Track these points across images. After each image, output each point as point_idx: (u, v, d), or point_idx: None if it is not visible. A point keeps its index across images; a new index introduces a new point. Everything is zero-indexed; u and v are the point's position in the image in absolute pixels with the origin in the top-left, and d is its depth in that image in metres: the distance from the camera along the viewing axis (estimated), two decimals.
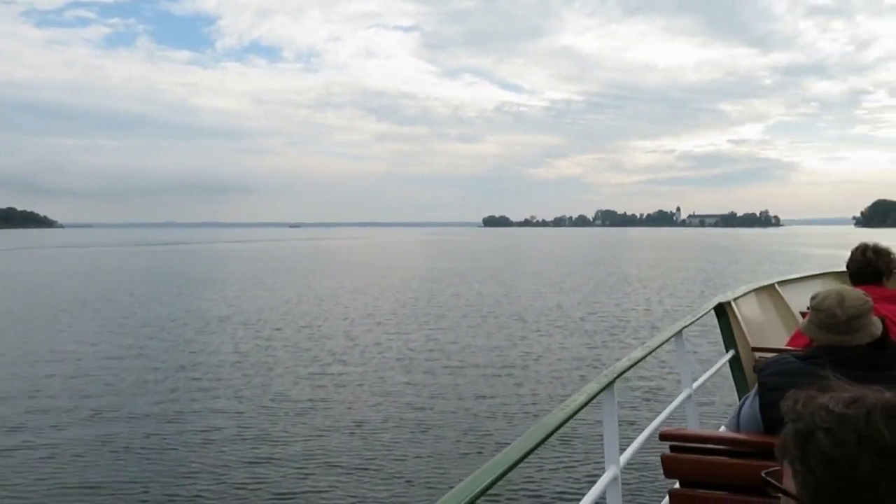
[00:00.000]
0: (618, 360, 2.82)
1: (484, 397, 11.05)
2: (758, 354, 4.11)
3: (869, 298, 2.48)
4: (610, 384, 2.45)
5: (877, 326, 2.38)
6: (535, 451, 1.95)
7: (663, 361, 11.82)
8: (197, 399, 11.03)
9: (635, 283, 31.58)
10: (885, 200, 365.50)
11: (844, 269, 3.98)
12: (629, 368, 2.75)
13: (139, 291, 28.37)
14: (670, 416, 3.21)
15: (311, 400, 10.89)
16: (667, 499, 2.48)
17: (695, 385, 3.66)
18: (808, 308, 2.65)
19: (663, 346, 3.53)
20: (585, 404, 2.27)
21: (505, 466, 1.76)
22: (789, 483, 0.93)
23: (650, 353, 3.11)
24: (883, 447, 0.83)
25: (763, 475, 1.00)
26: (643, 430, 2.91)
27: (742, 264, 46.33)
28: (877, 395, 0.90)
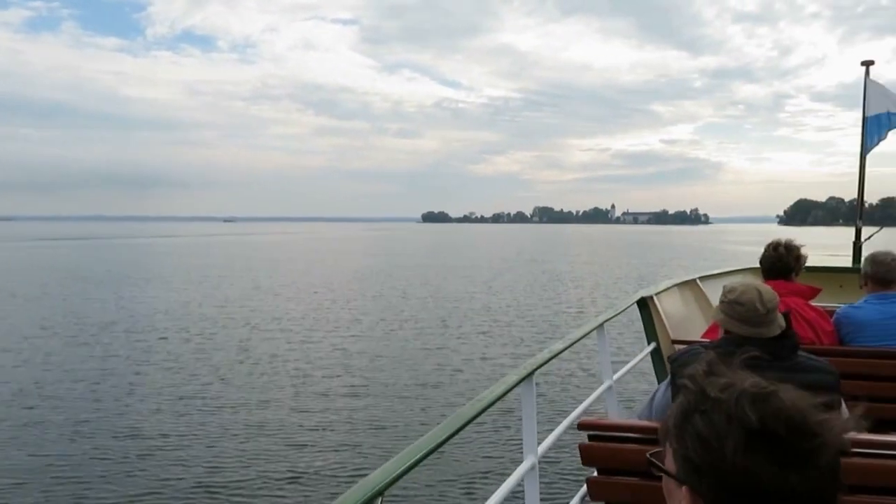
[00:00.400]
0: (538, 352, 2.88)
1: (405, 391, 11.05)
2: (677, 346, 4.26)
3: (776, 293, 2.60)
4: (529, 375, 2.50)
5: (782, 319, 2.51)
6: (454, 440, 1.98)
7: (587, 354, 12.04)
8: (115, 398, 10.64)
9: (567, 281, 31.98)
10: (806, 200, 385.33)
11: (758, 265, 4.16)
12: (549, 360, 2.81)
13: (54, 289, 27.04)
14: (591, 407, 3.29)
15: (215, 401, 10.56)
16: (584, 486, 2.55)
17: (615, 376, 3.77)
18: (721, 300, 2.75)
19: (587, 340, 3.62)
20: (503, 395, 2.31)
21: (419, 455, 1.78)
22: (671, 464, 0.98)
23: (571, 345, 3.18)
24: (749, 428, 0.89)
25: (647, 456, 1.04)
26: (564, 420, 2.98)
27: (673, 261, 47.83)
28: (748, 380, 0.96)
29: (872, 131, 7.96)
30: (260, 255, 54.42)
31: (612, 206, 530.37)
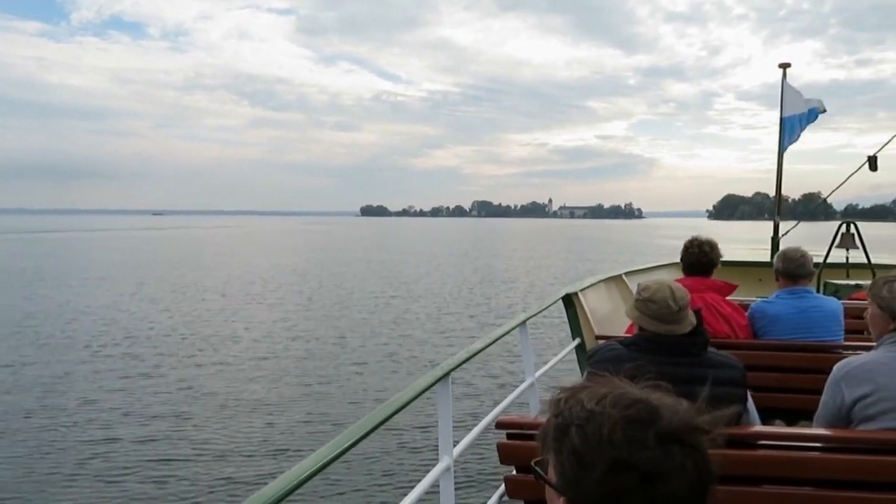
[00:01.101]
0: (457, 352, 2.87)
1: (319, 393, 10.84)
2: (602, 342, 4.34)
3: (687, 291, 2.67)
4: (445, 375, 2.49)
5: (693, 316, 2.57)
6: (367, 443, 1.96)
7: (512, 352, 12.01)
8: (33, 398, 10.15)
9: (500, 277, 31.97)
10: (733, 195, 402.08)
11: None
12: (467, 360, 2.81)
13: None
14: (513, 405, 3.31)
15: (126, 406, 10.22)
16: (502, 485, 2.57)
17: (537, 374, 3.81)
18: (636, 298, 2.80)
19: (510, 337, 3.64)
20: (418, 395, 2.29)
21: (333, 455, 1.78)
22: (552, 473, 0.97)
23: (490, 344, 3.19)
24: (617, 445, 0.88)
25: (532, 464, 1.03)
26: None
27: (607, 255, 48.93)
28: (625, 392, 0.95)
29: (789, 131, 8.34)
30: (182, 251, 52.19)
31: (550, 201, 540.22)
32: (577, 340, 4.62)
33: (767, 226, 9.11)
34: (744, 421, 2.49)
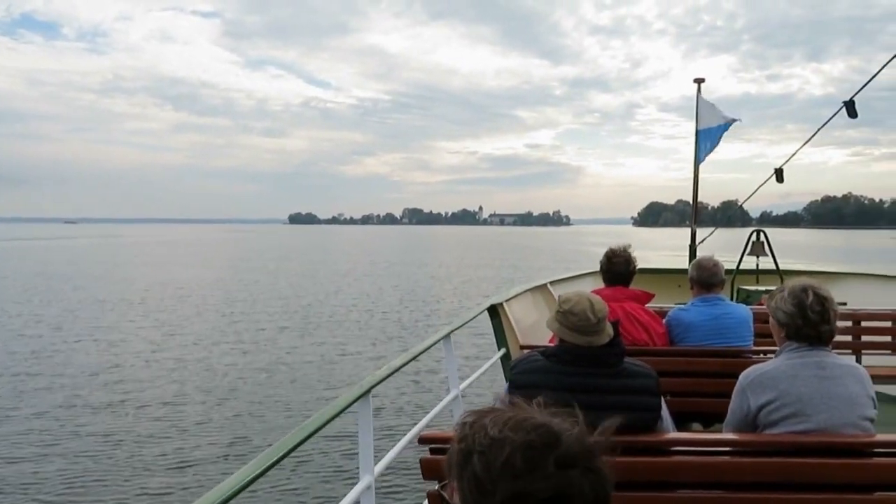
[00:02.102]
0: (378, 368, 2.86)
1: (234, 413, 10.49)
2: (527, 352, 4.41)
3: (605, 304, 2.75)
4: (365, 393, 2.47)
5: (611, 328, 2.65)
6: (287, 462, 1.94)
7: (437, 365, 11.91)
8: None
9: (429, 287, 31.84)
10: (657, 203, 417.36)
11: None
12: (388, 376, 2.80)
13: None
14: (437, 419, 3.32)
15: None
16: (425, 501, 2.57)
17: (462, 386, 3.83)
18: (556, 310, 2.86)
19: (435, 350, 3.64)
20: (338, 414, 2.27)
21: (250, 477, 1.76)
22: (456, 499, 0.98)
23: (413, 359, 3.19)
24: (517, 473, 0.89)
25: (437, 488, 1.04)
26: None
27: (537, 263, 49.62)
28: (527, 417, 0.96)
29: (704, 143, 8.74)
30: (89, 262, 49.18)
31: (480, 208, 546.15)
32: (503, 351, 4.68)
33: (689, 232, 9.45)
34: (658, 428, 2.58)
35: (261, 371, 13.34)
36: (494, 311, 4.75)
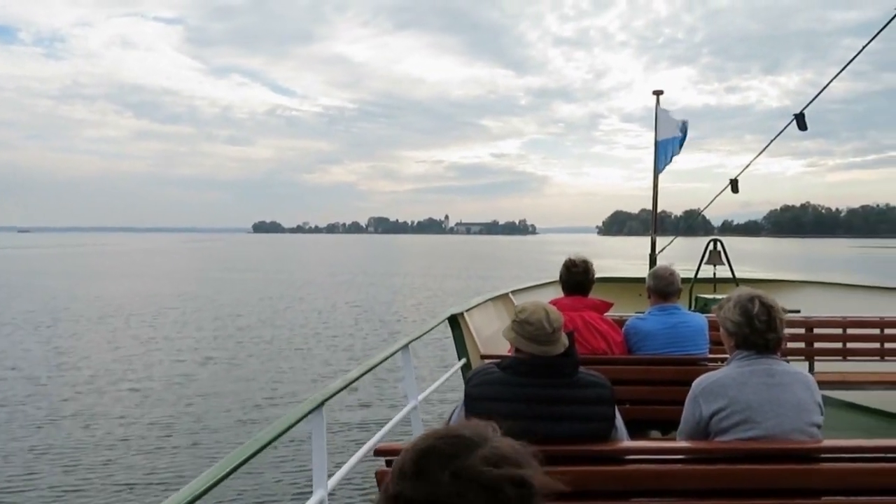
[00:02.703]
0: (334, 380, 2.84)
1: (185, 427, 10.19)
2: (487, 362, 4.43)
3: (561, 314, 2.77)
4: (318, 406, 2.46)
5: (566, 338, 2.68)
6: (238, 477, 1.91)
7: (396, 376, 11.68)
8: None
9: (394, 296, 31.46)
10: (621, 211, 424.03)
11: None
12: (344, 388, 2.78)
13: None
14: (395, 431, 3.30)
15: None
16: None
17: (421, 396, 3.82)
18: (512, 320, 2.88)
19: (395, 361, 3.63)
20: (289, 428, 2.25)
21: (198, 492, 1.72)
22: None
23: (369, 370, 3.18)
24: (404, 475, 0.90)
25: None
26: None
27: (505, 272, 49.76)
28: (449, 430, 0.96)
29: (663, 153, 8.93)
30: (32, 272, 47.15)
31: (446, 217, 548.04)
32: (463, 360, 4.69)
33: (657, 241, 9.59)
34: (613, 437, 2.61)
35: (214, 385, 12.99)
36: (455, 321, 4.76)
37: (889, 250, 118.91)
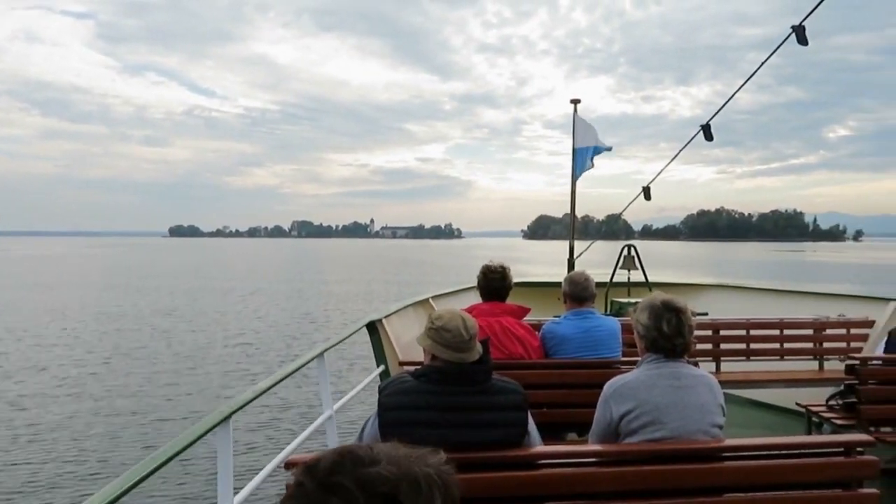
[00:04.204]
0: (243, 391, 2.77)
1: (84, 443, 9.77)
2: (406, 368, 4.42)
3: (476, 321, 2.80)
4: (225, 419, 2.39)
5: (480, 345, 2.70)
6: (138, 495, 1.83)
7: (312, 385, 11.56)
8: None
9: (312, 303, 30.85)
10: (546, 216, 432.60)
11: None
12: (253, 400, 2.72)
13: None
14: (309, 442, 3.25)
15: None
16: None
17: (336, 406, 3.78)
18: (428, 327, 2.88)
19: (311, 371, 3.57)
20: (192, 443, 2.18)
21: None
22: None
23: (280, 381, 3.12)
24: (289, 493, 0.91)
25: None
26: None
27: (431, 278, 49.67)
28: (345, 448, 0.95)
29: (580, 161, 9.21)
30: None
31: (372, 221, 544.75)
32: (381, 368, 4.67)
33: (579, 245, 9.84)
34: (525, 443, 2.65)
35: (118, 399, 12.42)
36: (373, 328, 4.74)
37: (800, 254, 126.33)
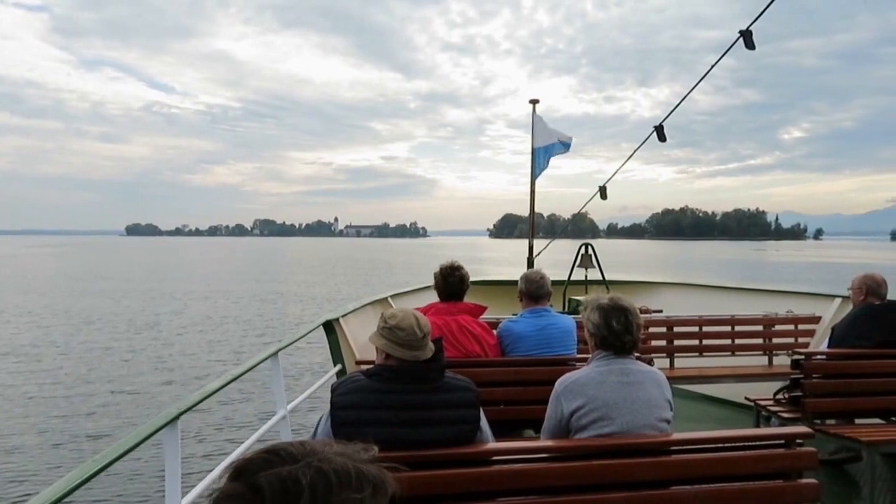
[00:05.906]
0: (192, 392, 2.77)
1: (26, 447, 9.60)
2: (363, 367, 4.45)
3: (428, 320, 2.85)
4: (172, 421, 2.39)
5: (432, 343, 2.75)
6: (81, 498, 1.83)
7: (266, 386, 11.38)
8: None
9: (269, 302, 30.48)
10: (512, 215, 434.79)
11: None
12: (202, 400, 2.72)
13: None
14: (261, 442, 3.25)
15: None
16: None
17: (290, 406, 3.79)
18: (381, 326, 2.92)
19: (260, 371, 3.58)
20: (137, 445, 2.18)
21: None
22: None
23: (231, 381, 3.11)
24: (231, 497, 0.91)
25: None
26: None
27: (396, 277, 49.57)
28: (280, 444, 0.97)
29: (539, 160, 9.36)
30: None
31: (336, 219, 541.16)
32: (338, 367, 4.68)
33: (542, 242, 9.95)
34: (478, 440, 2.71)
35: (62, 400, 12.19)
36: (330, 327, 4.74)
37: (763, 252, 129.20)
